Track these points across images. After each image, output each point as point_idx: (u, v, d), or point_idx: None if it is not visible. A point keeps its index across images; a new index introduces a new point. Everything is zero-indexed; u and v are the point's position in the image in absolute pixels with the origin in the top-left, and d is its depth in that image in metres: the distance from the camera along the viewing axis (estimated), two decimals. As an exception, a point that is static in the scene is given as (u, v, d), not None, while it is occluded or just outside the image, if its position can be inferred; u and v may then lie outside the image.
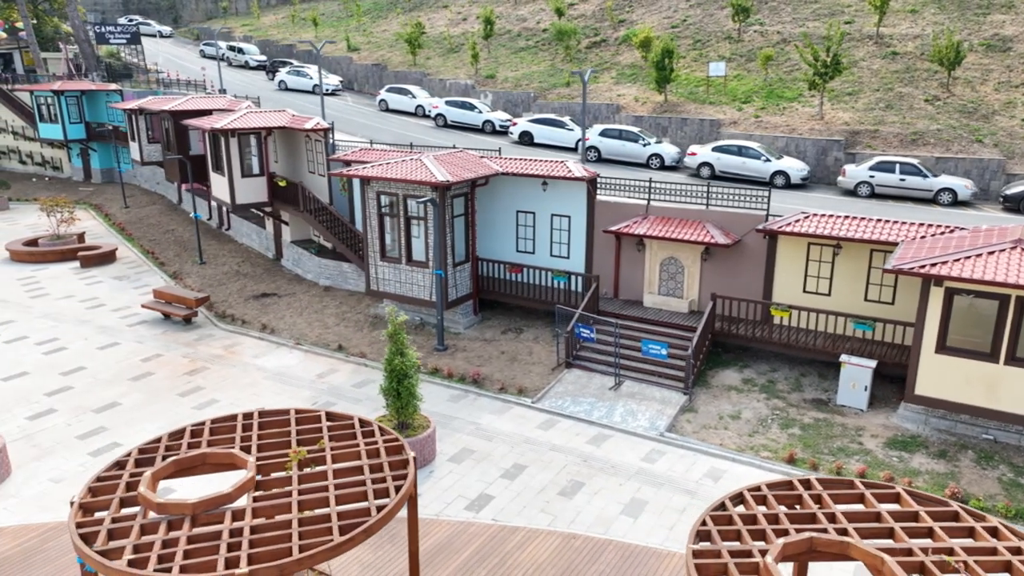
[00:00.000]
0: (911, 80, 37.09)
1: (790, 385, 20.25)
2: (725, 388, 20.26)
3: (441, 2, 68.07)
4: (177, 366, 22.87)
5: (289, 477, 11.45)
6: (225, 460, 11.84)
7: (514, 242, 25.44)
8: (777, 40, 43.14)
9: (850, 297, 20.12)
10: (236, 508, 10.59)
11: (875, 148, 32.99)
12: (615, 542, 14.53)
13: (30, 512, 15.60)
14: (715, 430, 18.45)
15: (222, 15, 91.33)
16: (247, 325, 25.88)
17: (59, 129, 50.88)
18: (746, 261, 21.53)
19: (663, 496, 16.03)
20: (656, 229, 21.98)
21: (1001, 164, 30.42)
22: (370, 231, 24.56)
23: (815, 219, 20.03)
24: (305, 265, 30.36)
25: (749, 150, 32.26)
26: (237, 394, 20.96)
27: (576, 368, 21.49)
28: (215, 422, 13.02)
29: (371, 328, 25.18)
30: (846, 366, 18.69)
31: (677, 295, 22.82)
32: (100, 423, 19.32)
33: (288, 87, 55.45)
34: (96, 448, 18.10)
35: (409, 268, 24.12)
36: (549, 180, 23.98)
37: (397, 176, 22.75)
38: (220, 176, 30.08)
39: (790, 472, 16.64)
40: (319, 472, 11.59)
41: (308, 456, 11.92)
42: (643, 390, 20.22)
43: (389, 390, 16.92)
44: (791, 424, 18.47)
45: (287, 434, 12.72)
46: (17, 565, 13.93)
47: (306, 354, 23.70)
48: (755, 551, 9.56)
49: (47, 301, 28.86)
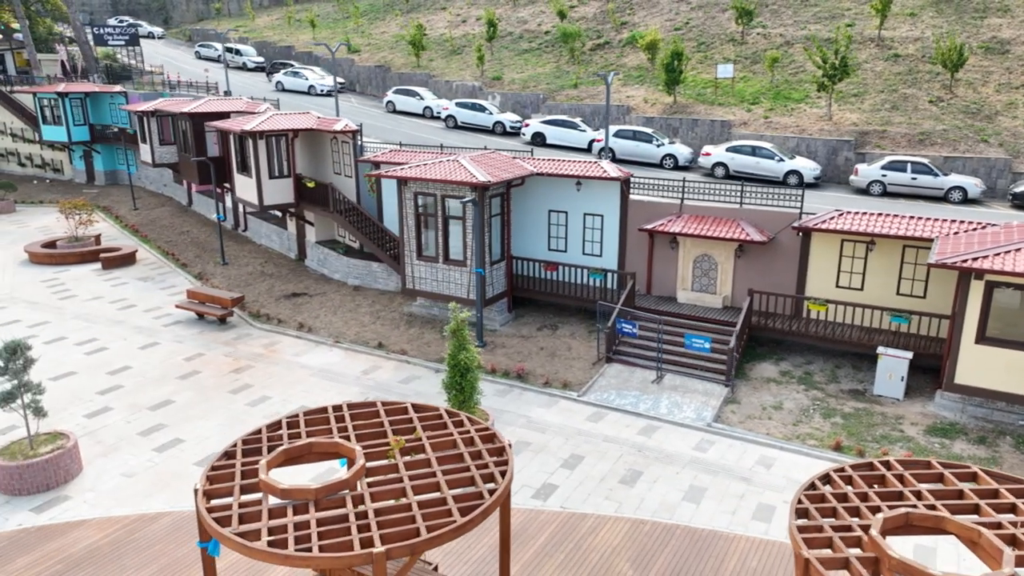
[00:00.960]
0: (914, 82, 38.14)
1: (826, 376, 21.03)
2: (764, 380, 21.00)
3: (439, 4, 68.54)
4: (221, 365, 23.23)
5: (395, 464, 11.96)
6: (330, 449, 12.33)
7: (546, 241, 26.03)
8: (780, 43, 44.09)
9: (882, 291, 20.92)
10: (354, 494, 11.10)
11: (884, 148, 33.95)
12: (682, 526, 15.17)
13: (109, 506, 15.97)
14: (760, 420, 19.16)
15: (215, 16, 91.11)
16: (283, 324, 26.26)
17: (63, 131, 50.81)
18: (779, 257, 22.27)
19: (720, 483, 16.69)
20: (691, 227, 22.67)
21: (1008, 163, 31.45)
22: (407, 230, 25.04)
23: (849, 216, 20.81)
24: (332, 265, 30.75)
25: (762, 150, 33.08)
26: (286, 391, 21.37)
27: (616, 362, 22.13)
28: (307, 414, 13.48)
29: (407, 326, 25.66)
30: (883, 357, 19.47)
31: (710, 291, 23.53)
32: (158, 420, 19.67)
33: (285, 88, 55.62)
34: (160, 444, 18.47)
35: (446, 267, 24.63)
36: (583, 180, 24.60)
37: (436, 177, 23.26)
38: (246, 177, 30.40)
39: (838, 459, 17.37)
40: (422, 459, 12.12)
41: (407, 445, 12.45)
42: (685, 383, 20.90)
43: (452, 384, 17.44)
44: (832, 414, 19.22)
45: (380, 424, 13.23)
46: (108, 556, 14.31)
47: (346, 352, 24.14)
48: (855, 526, 10.22)
49: (76, 303, 29.05)
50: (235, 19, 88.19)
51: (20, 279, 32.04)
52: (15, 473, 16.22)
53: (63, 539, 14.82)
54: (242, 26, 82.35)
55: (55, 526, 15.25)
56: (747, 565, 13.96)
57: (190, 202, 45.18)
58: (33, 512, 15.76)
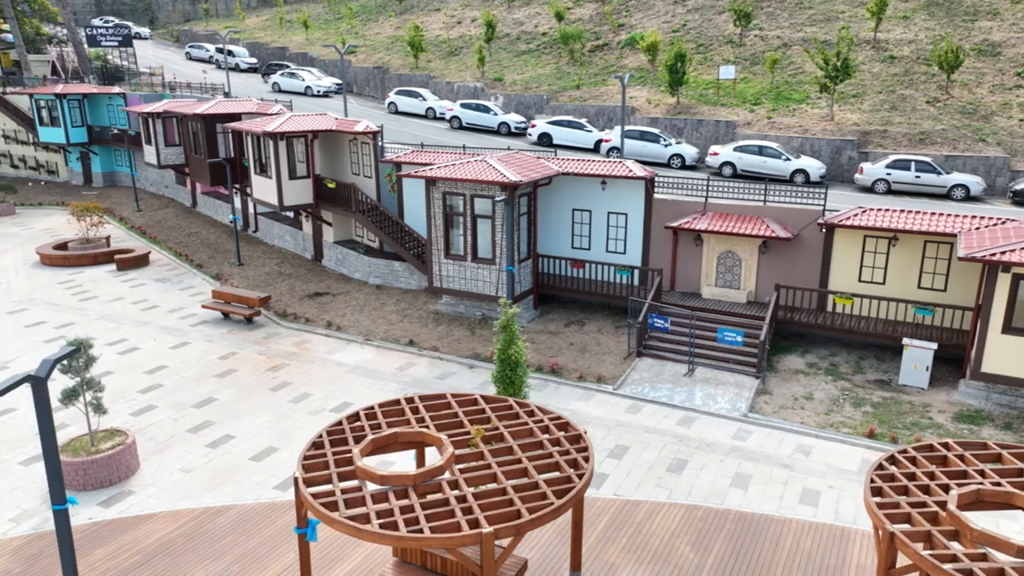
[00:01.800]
0: (911, 83, 39.22)
1: (851, 368, 21.82)
2: (792, 372, 21.74)
3: (432, 5, 68.87)
4: (256, 363, 23.54)
5: (480, 451, 12.48)
6: (415, 438, 12.85)
7: (569, 239, 26.61)
8: (778, 45, 45.05)
9: (904, 285, 21.75)
10: (450, 479, 11.60)
11: (885, 147, 34.93)
12: (734, 511, 15.81)
13: (173, 500, 16.29)
14: (792, 410, 19.88)
15: (203, 17, 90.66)
16: (311, 323, 26.60)
17: (61, 133, 50.49)
18: (802, 253, 23.04)
19: (763, 470, 17.36)
20: (716, 224, 23.37)
21: (1006, 161, 32.54)
22: (434, 229, 25.50)
23: (873, 213, 21.61)
24: (352, 265, 31.10)
25: (769, 149, 33.90)
26: (327, 388, 21.75)
27: (647, 357, 22.76)
28: (382, 406, 13.97)
29: (435, 324, 26.11)
30: (909, 348, 20.28)
31: (734, 287, 24.24)
32: (204, 417, 19.98)
33: (281, 89, 55.65)
34: (212, 440, 18.79)
35: (475, 265, 25.13)
36: (608, 179, 25.21)
37: (466, 176, 23.75)
38: (265, 178, 30.65)
39: (873, 446, 18.13)
40: (505, 447, 12.66)
41: (487, 433, 12.97)
42: (716, 375, 21.58)
43: (502, 378, 17.91)
44: (862, 403, 19.99)
45: (454, 415, 13.75)
46: (182, 547, 14.66)
47: (378, 349, 24.55)
48: (929, 502, 10.90)
49: (98, 304, 29.15)
50: (223, 20, 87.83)
51: (36, 281, 32.03)
52: (80, 469, 16.49)
53: (135, 532, 15.14)
54: (231, 27, 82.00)
55: (126, 519, 15.57)
56: (801, 546, 14.63)
57: (194, 203, 45.21)
58: (101, 507, 16.05)
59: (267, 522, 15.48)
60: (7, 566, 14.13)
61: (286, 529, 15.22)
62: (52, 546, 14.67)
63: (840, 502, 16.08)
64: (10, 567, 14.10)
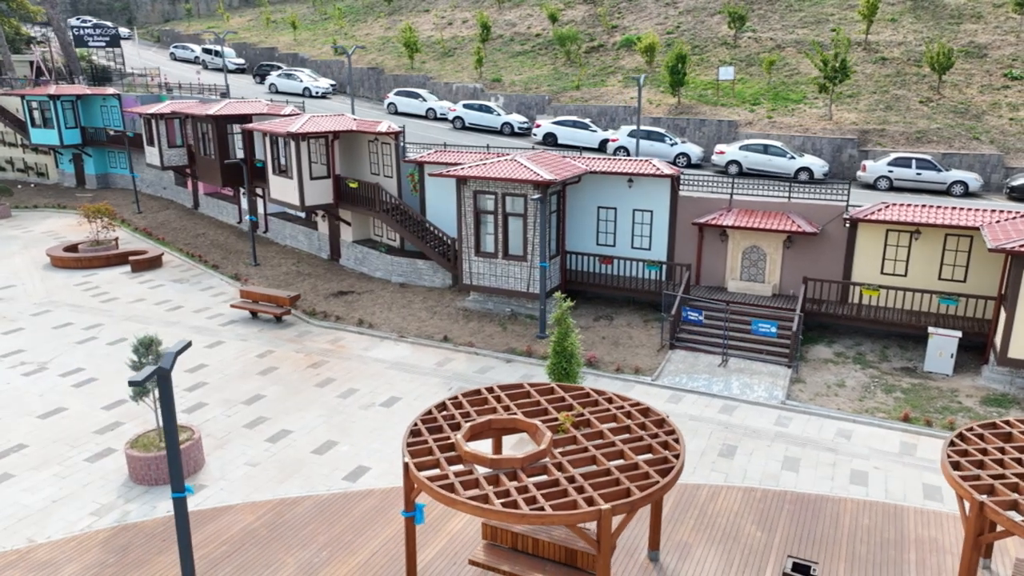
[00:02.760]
0: (903, 83, 40.58)
1: (877, 356, 22.80)
2: (822, 361, 22.65)
3: (421, 7, 69.19)
4: (295, 361, 23.86)
5: (573, 436, 13.10)
6: (508, 425, 13.45)
7: (594, 236, 27.30)
8: (771, 46, 46.23)
9: (925, 277, 22.79)
10: (553, 461, 12.21)
11: (884, 146, 36.18)
12: (790, 492, 16.60)
13: (246, 492, 16.65)
14: (827, 397, 20.77)
15: (184, 17, 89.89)
16: (342, 321, 26.96)
17: (54, 134, 50.04)
18: (826, 247, 23.98)
19: (810, 454, 18.19)
20: (742, 220, 24.22)
21: (1000, 159, 33.92)
22: (465, 228, 26.02)
23: (896, 208, 22.61)
24: (372, 264, 31.47)
25: (774, 148, 34.92)
26: (371, 383, 22.17)
27: (679, 349, 23.53)
28: (466, 395, 14.54)
29: (465, 320, 26.63)
30: (934, 337, 21.28)
31: (759, 280, 25.12)
32: (257, 413, 20.30)
33: (279, 90, 55.66)
34: (271, 435, 19.14)
35: (506, 262, 25.70)
36: (635, 177, 25.94)
37: (499, 175, 24.32)
38: (285, 179, 30.90)
39: (908, 429, 19.07)
40: (595, 431, 13.29)
41: (575, 419, 13.59)
42: (749, 365, 22.41)
43: (557, 370, 18.56)
44: (892, 389, 20.95)
45: (536, 403, 14.37)
46: (267, 537, 15.06)
47: (413, 346, 25.01)
48: (1008, 474, 11.75)
49: (120, 305, 29.19)
50: (205, 20, 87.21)
51: (52, 283, 31.92)
52: (153, 464, 16.77)
53: (217, 523, 15.50)
54: (215, 27, 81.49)
55: (204, 511, 15.90)
56: (860, 523, 15.45)
57: (196, 205, 45.13)
58: (176, 501, 16.33)
59: (344, 511, 15.92)
60: (101, 557, 14.42)
61: (364, 517, 15.68)
62: (139, 538, 15.00)
63: (888, 482, 16.95)
64: (104, 558, 14.39)
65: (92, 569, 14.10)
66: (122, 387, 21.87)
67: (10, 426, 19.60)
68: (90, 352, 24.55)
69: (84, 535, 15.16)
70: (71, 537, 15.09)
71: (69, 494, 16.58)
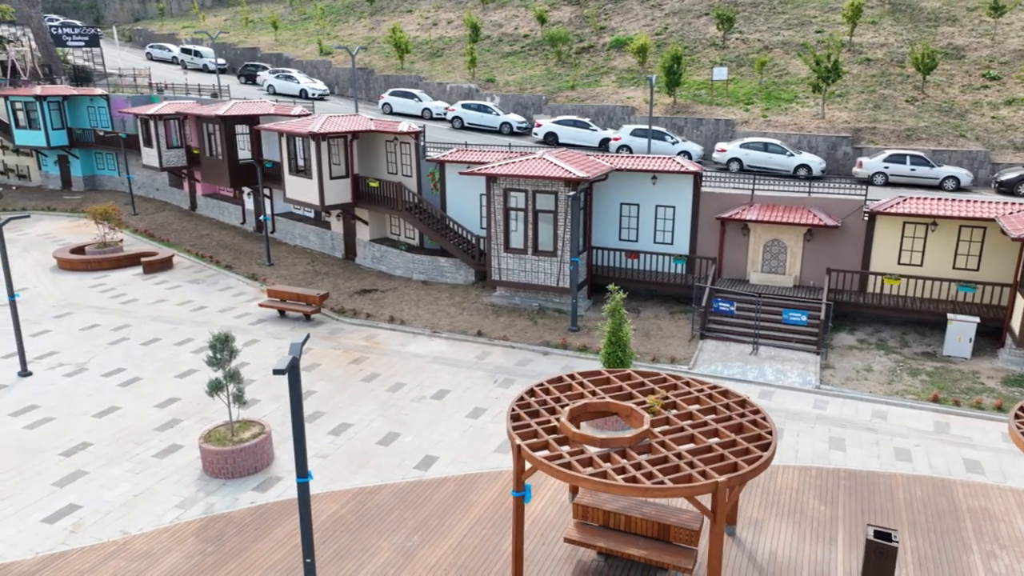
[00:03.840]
0: (888, 83, 42.24)
1: (898, 342, 24.01)
2: (847, 348, 23.78)
3: (403, 7, 69.43)
4: (335, 357, 24.23)
5: (666, 417, 13.85)
6: (603, 408, 14.17)
7: (617, 232, 28.13)
8: (759, 47, 47.64)
9: (940, 266, 24.07)
10: (656, 440, 12.94)
11: (876, 143, 37.69)
12: (843, 469, 17.57)
13: (323, 482, 17.05)
14: (857, 381, 21.87)
15: (155, 16, 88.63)
16: (373, 318, 27.36)
17: (40, 135, 49.33)
18: (845, 239, 25.14)
19: (852, 433, 19.22)
20: (765, 214, 25.26)
21: (986, 155, 35.62)
22: (494, 225, 26.64)
23: (913, 201, 23.86)
24: (392, 262, 31.87)
25: (774, 146, 36.17)
26: (417, 377, 22.66)
27: (710, 339, 24.47)
28: (550, 382, 15.21)
29: (495, 315, 27.24)
30: (953, 322, 22.54)
31: (780, 272, 26.20)
32: (312, 408, 20.67)
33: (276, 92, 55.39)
34: (331, 428, 19.56)
35: (535, 258, 26.38)
36: (659, 174, 26.83)
37: (531, 173, 24.99)
38: (304, 179, 31.14)
39: (939, 409, 20.24)
40: (685, 412, 14.06)
41: (663, 402, 14.34)
42: (779, 353, 23.44)
43: (612, 358, 19.31)
44: (917, 372, 22.15)
45: (619, 387, 15.08)
46: (355, 523, 15.53)
47: (448, 341, 25.53)
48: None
49: (141, 306, 29.17)
50: (178, 19, 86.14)
51: (65, 285, 31.71)
52: (229, 457, 17.10)
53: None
54: (190, 26, 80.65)
55: (287, 502, 16.30)
56: (913, 495, 16.49)
57: (193, 206, 44.91)
58: (257, 491, 16.72)
59: (424, 498, 16.46)
60: (198, 547, 14.75)
61: (445, 503, 16.23)
62: (230, 527, 15.35)
63: (931, 457, 18.04)
64: (201, 547, 14.73)
65: (193, 558, 14.44)
66: (168, 386, 22.06)
67: (68, 426, 19.69)
68: (126, 353, 24.59)
69: (175, 527, 15.46)
70: (163, 528, 15.39)
71: (147, 489, 16.82)
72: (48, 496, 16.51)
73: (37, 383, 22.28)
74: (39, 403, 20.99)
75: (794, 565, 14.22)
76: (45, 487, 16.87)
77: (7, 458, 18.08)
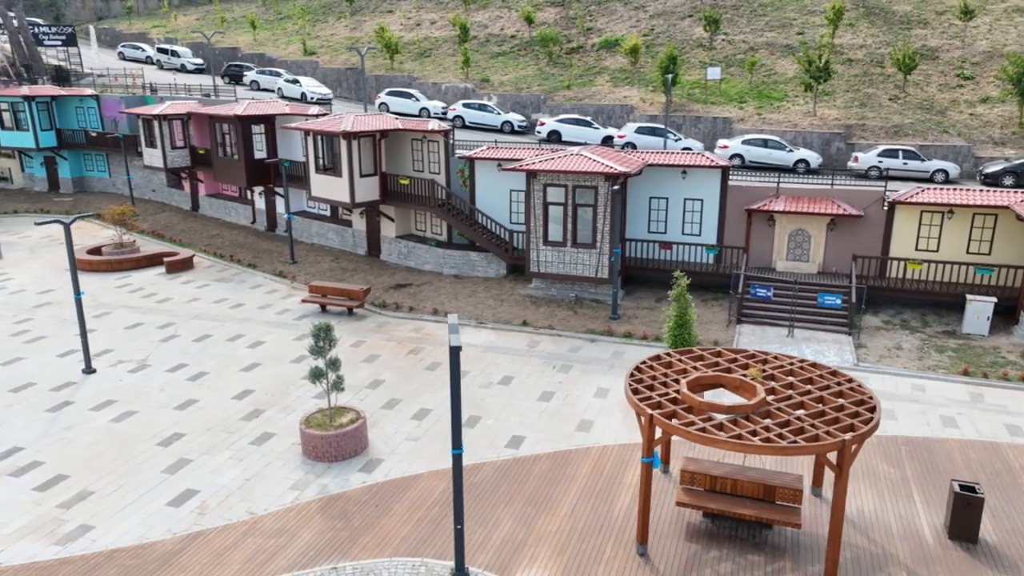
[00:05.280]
0: (871, 83, 44.55)
1: (919, 322, 25.84)
2: (874, 328, 25.50)
3: (382, 7, 69.81)
4: (391, 349, 24.98)
5: (772, 387, 15.12)
6: (713, 381, 15.38)
7: (646, 224, 29.45)
8: (745, 48, 49.63)
9: (955, 251, 25.97)
10: (773, 408, 14.20)
11: (866, 139, 39.83)
12: (900, 436, 19.13)
13: (423, 463, 17.90)
14: (890, 358, 23.56)
15: (124, 15, 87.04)
16: (416, 311, 28.13)
17: (29, 137, 48.66)
18: (865, 228, 26.89)
19: (898, 405, 20.84)
20: (791, 205, 26.86)
21: (969, 149, 38.02)
22: (534, 219, 27.70)
23: (931, 191, 25.71)
24: (420, 257, 32.65)
25: (773, 142, 37.98)
26: (477, 365, 23.57)
27: (746, 323, 25.94)
28: (652, 360, 16.35)
29: (535, 306, 28.29)
30: (972, 303, 24.42)
31: (804, 260, 27.84)
32: (388, 396, 21.46)
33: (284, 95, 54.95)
34: (413, 413, 20.39)
35: (574, 250, 27.53)
36: (688, 169, 28.22)
37: (571, 168, 26.14)
38: (332, 177, 31.72)
39: (970, 381, 22.02)
40: (786, 383, 15.36)
41: (763, 374, 15.62)
42: (814, 335, 25.04)
43: (679, 340, 20.57)
44: (943, 349, 23.96)
45: (716, 363, 16.30)
46: (468, 497, 16.43)
47: (495, 331, 26.49)
48: None
49: (177, 304, 29.42)
50: (146, 18, 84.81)
51: (90, 286, 31.64)
52: (333, 441, 17.83)
53: (415, 489, 16.77)
54: (161, 26, 79.63)
55: (397, 481, 17.13)
56: (969, 457, 18.12)
57: (194, 206, 44.86)
58: (363, 472, 17.50)
59: (524, 474, 17.46)
60: (328, 523, 15.50)
61: (545, 477, 17.25)
62: (351, 505, 16.13)
63: (975, 424, 19.74)
64: (331, 524, 15.49)
65: (326, 534, 15.20)
66: (237, 379, 22.57)
67: (153, 418, 20.11)
68: (181, 350, 24.93)
69: (297, 506, 16.17)
70: (286, 508, 16.08)
71: (256, 473, 17.45)
72: (163, 483, 17.03)
73: (104, 380, 22.56)
74: (115, 398, 21.32)
75: (882, 519, 15.66)
76: (156, 474, 17.37)
77: (107, 449, 18.48)
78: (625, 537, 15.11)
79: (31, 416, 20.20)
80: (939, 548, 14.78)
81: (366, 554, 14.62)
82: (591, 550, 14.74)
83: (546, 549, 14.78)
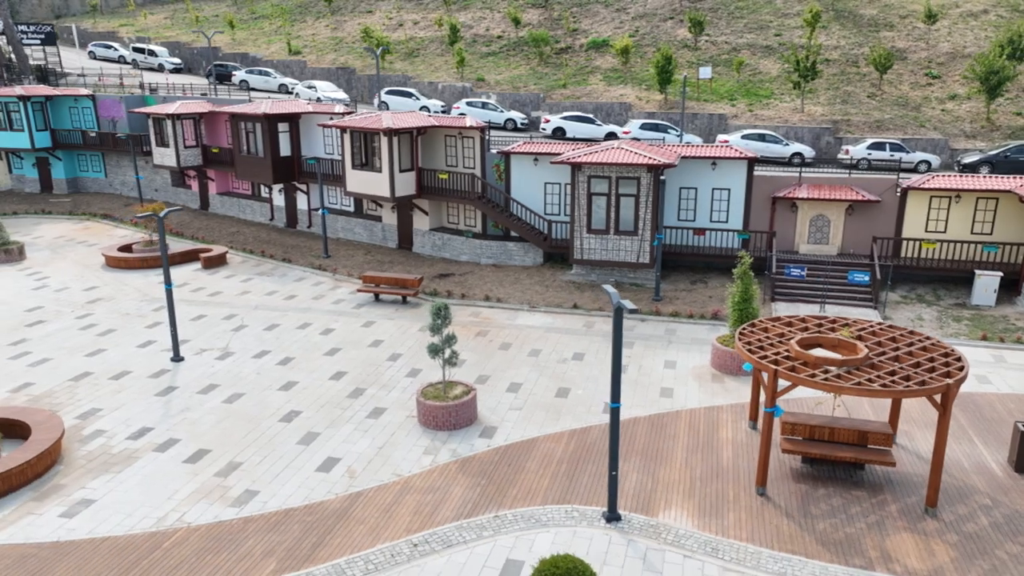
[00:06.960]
0: (849, 81, 47.77)
1: (933, 296, 28.60)
2: (894, 302, 28.15)
3: (362, 7, 70.61)
4: (460, 332, 26.34)
5: (867, 344, 17.27)
6: (814, 341, 17.46)
7: (676, 212, 31.59)
8: (728, 49, 52.42)
9: (960, 231, 28.82)
10: (877, 361, 16.35)
11: (852, 133, 42.89)
12: (943, 392, 21.58)
13: (534, 429, 19.53)
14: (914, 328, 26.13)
15: (88, 13, 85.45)
16: (467, 298, 29.65)
17: (24, 137, 48.28)
18: (880, 212, 29.55)
19: (933, 367, 23.34)
20: (815, 192, 29.34)
21: (945, 142, 41.39)
22: (578, 209, 29.53)
23: (941, 178, 28.49)
24: (455, 248, 34.14)
25: (770, 136, 40.67)
26: (546, 344, 25.26)
27: (780, 301, 28.29)
28: (750, 326, 18.35)
29: (579, 291, 30.12)
30: (981, 277, 27.25)
31: (824, 243, 30.38)
32: (475, 373, 22.99)
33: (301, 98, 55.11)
34: (506, 388, 21.99)
35: (616, 237, 29.46)
36: (718, 160, 30.46)
37: (615, 161, 28.07)
38: (371, 173, 32.96)
39: (988, 346, 24.75)
40: (875, 342, 17.56)
41: (851, 333, 17.80)
42: (843, 310, 27.51)
43: (744, 314, 22.66)
44: (959, 319, 26.71)
45: (806, 328, 18.42)
46: (587, 455, 18.18)
47: (549, 314, 28.21)
48: None
49: (230, 297, 30.29)
50: (111, 17, 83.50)
51: (133, 283, 32.19)
52: (452, 411, 19.35)
53: (538, 451, 18.42)
54: (128, 24, 78.69)
55: (519, 444, 18.75)
56: (1009, 407, 20.70)
57: (204, 205, 45.30)
58: (484, 438, 19.06)
59: (629, 434, 19.28)
60: (473, 480, 17.04)
61: (648, 436, 19.10)
62: (487, 465, 17.69)
63: (1006, 380, 22.38)
64: (476, 481, 17.04)
65: (475, 489, 16.75)
66: (325, 363, 23.77)
67: (263, 399, 21.24)
68: (257, 338, 25.95)
69: (437, 467, 17.66)
70: (428, 470, 17.56)
71: (387, 442, 18.84)
72: (302, 452, 18.28)
73: (195, 367, 23.49)
74: (216, 383, 22.34)
75: (955, 459, 18.02)
76: (292, 446, 18.61)
77: (234, 426, 19.59)
78: (742, 482, 17.07)
79: (145, 400, 21.10)
80: (1009, 479, 17.19)
81: (519, 504, 16.24)
82: (716, 493, 16.66)
83: (676, 494, 16.64)
